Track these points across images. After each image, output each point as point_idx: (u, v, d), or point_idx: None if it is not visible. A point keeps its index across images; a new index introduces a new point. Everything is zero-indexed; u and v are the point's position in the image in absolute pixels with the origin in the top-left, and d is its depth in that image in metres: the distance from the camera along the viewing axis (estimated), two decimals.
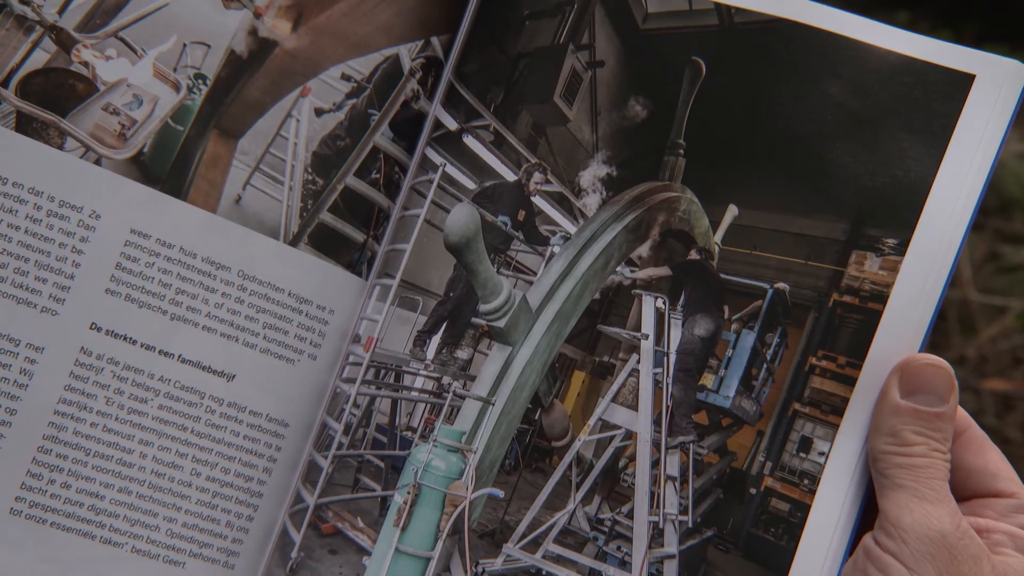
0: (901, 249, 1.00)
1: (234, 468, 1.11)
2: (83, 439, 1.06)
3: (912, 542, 0.91)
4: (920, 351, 0.98)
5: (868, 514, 0.99)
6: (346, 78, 1.17)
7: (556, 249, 1.22)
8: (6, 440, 1.03)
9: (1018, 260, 3.16)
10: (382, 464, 1.27)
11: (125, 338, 1.07)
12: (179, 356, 1.09)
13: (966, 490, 0.99)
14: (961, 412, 0.97)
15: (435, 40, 1.19)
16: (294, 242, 1.14)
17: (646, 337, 1.15)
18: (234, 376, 1.11)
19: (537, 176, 1.20)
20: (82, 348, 1.06)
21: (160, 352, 1.08)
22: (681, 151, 1.12)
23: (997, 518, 0.97)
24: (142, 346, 1.08)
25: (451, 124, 1.20)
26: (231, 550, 1.12)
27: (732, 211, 1.10)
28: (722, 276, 1.11)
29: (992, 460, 0.99)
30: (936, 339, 3.03)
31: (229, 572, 1.12)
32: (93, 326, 1.06)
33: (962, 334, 3.06)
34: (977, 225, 3.16)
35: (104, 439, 1.07)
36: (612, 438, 1.17)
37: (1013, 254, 3.18)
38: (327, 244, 1.16)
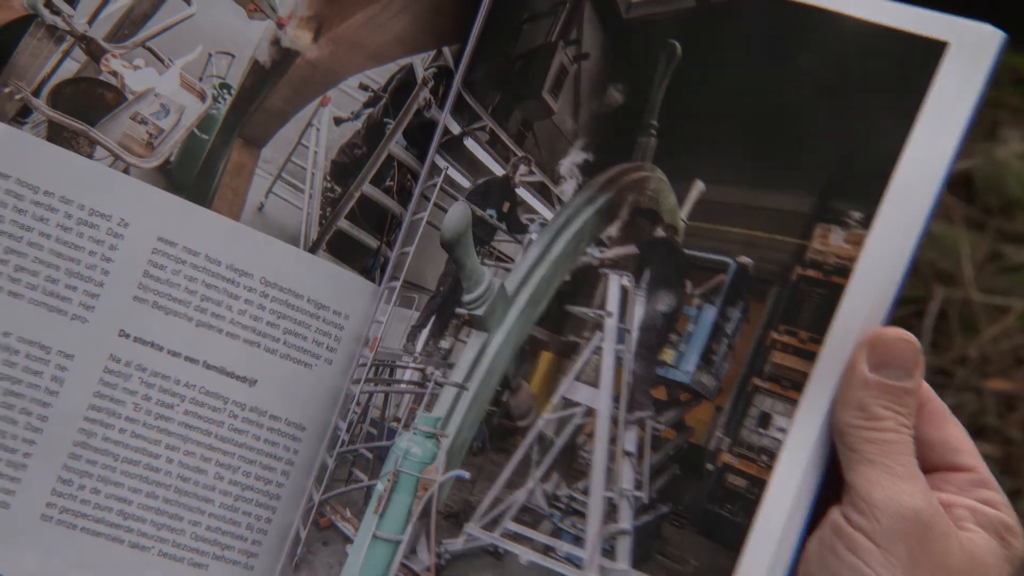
0: (866, 223, 1.01)
1: (255, 472, 1.18)
2: (112, 445, 1.12)
3: (884, 520, 0.93)
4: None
5: (827, 489, 1.01)
6: (363, 88, 1.24)
7: (534, 236, 1.27)
8: (37, 447, 1.09)
9: (1020, 260, 3.22)
10: (370, 456, 1.33)
11: (152, 345, 1.13)
12: (204, 362, 1.15)
13: (927, 464, 1.00)
14: (922, 384, 1.00)
15: (446, 50, 1.26)
16: (313, 249, 1.21)
17: (610, 315, 1.19)
18: (256, 381, 1.17)
19: (523, 168, 1.26)
20: (111, 355, 1.11)
21: (186, 358, 1.14)
22: (653, 131, 1.16)
23: (958, 492, 1.00)
24: (168, 352, 1.14)
25: (455, 129, 1.27)
26: (251, 551, 1.18)
27: (699, 187, 1.13)
28: (686, 251, 1.14)
29: (953, 434, 1.02)
30: (937, 339, 3.11)
31: (248, 573, 1.19)
32: (122, 333, 1.11)
33: (964, 334, 3.12)
34: (979, 225, 3.23)
35: (132, 445, 1.13)
36: (572, 416, 1.20)
37: (1015, 254, 3.23)
38: (344, 251, 1.23)
